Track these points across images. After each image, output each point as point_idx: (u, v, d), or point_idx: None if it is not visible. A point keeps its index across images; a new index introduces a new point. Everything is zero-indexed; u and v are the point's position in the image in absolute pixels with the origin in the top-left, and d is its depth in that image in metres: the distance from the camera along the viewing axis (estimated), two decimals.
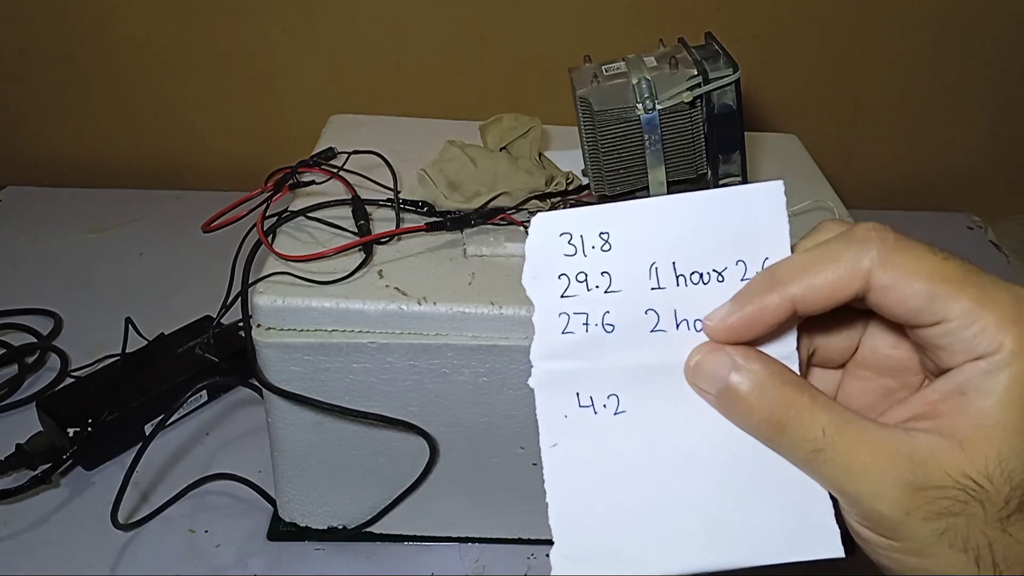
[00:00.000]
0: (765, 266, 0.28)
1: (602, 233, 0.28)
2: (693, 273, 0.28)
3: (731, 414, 0.27)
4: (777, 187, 0.28)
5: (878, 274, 0.25)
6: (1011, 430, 0.23)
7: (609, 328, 0.28)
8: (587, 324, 0.28)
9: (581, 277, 0.28)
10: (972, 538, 0.24)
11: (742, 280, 0.28)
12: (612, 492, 0.28)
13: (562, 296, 0.28)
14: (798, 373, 0.28)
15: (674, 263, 0.28)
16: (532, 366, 0.28)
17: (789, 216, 0.28)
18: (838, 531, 0.28)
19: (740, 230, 0.27)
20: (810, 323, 0.28)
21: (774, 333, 0.27)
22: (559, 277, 0.28)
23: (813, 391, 0.26)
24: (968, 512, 0.24)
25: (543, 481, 0.28)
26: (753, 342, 0.28)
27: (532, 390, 0.29)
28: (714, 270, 0.28)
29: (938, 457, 0.24)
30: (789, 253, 0.28)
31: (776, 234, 0.27)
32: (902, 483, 0.24)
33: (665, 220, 0.28)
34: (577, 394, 0.28)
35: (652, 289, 0.28)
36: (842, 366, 0.30)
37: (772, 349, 0.28)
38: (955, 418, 0.25)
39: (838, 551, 0.28)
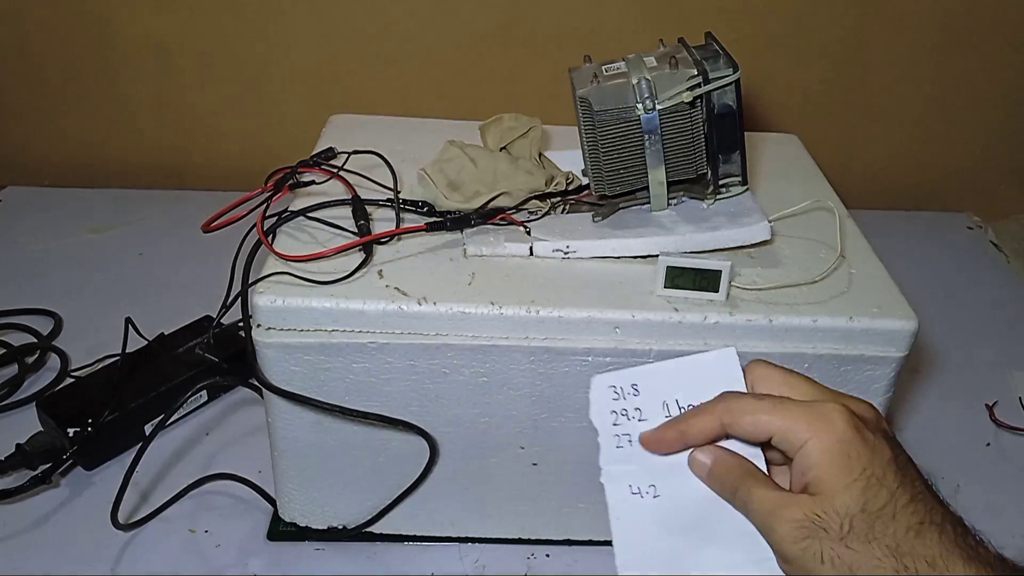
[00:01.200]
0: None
1: (634, 385, 0.44)
2: (689, 405, 0.42)
3: (713, 484, 0.42)
4: (729, 353, 0.43)
5: (724, 418, 0.40)
6: (824, 485, 0.37)
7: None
8: (631, 441, 0.43)
9: (624, 412, 0.43)
10: (827, 552, 0.36)
11: None
12: (658, 540, 0.42)
13: (614, 424, 0.43)
14: (762, 465, 0.41)
15: (677, 399, 0.43)
16: (601, 469, 0.43)
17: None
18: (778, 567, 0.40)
19: (714, 377, 0.43)
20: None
21: (747, 442, 0.41)
22: (611, 412, 0.43)
23: (763, 478, 0.40)
24: (818, 536, 0.37)
25: (613, 547, 0.42)
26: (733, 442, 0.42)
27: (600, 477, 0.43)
28: (702, 402, 0.42)
29: (801, 504, 0.38)
30: (744, 387, 0.43)
31: (734, 379, 0.43)
32: (785, 522, 0.38)
33: (670, 376, 0.43)
34: (629, 486, 0.42)
35: (665, 416, 0.43)
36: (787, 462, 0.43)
37: (744, 450, 0.41)
38: (810, 487, 0.38)
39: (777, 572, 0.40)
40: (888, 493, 0.37)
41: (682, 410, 0.43)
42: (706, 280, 0.53)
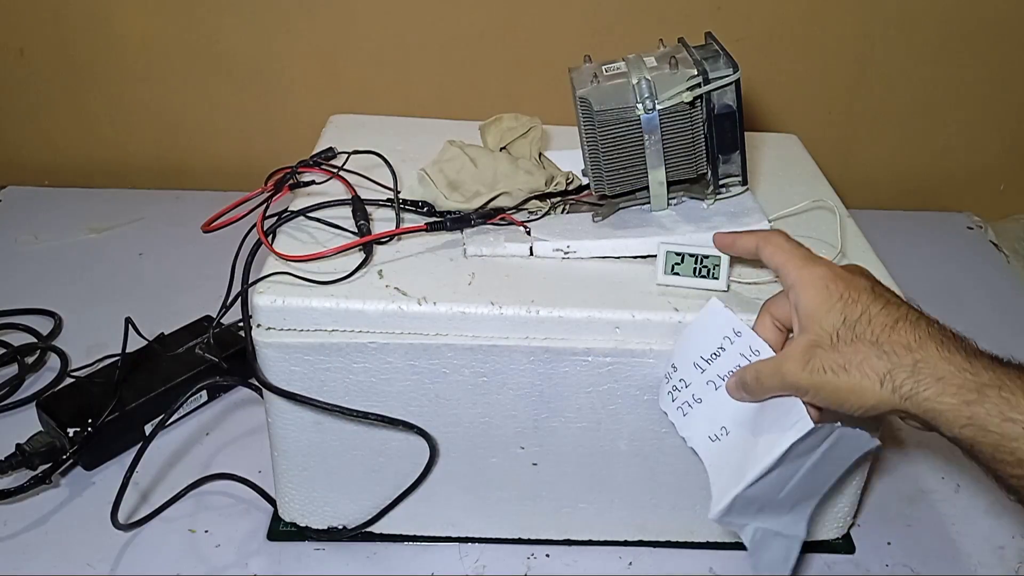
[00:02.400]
0: (735, 332, 0.51)
1: (673, 364, 0.53)
2: (711, 355, 0.51)
3: (747, 393, 0.50)
4: (715, 302, 0.52)
5: (761, 241, 0.51)
6: (812, 313, 0.46)
7: (699, 400, 0.52)
8: (691, 405, 0.52)
9: (674, 388, 0.53)
10: (825, 364, 0.45)
11: (732, 344, 0.51)
12: (731, 461, 0.50)
13: (672, 401, 0.53)
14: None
15: (701, 356, 0.52)
16: (684, 439, 0.53)
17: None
18: (809, 419, 0.47)
19: (715, 326, 0.52)
20: (774, 309, 0.51)
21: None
22: (667, 395, 0.53)
23: (770, 358, 0.50)
24: (817, 354, 0.45)
25: (704, 467, 0.51)
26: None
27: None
28: (719, 348, 0.51)
29: (800, 340, 0.47)
30: (740, 322, 0.51)
31: (729, 319, 0.51)
32: (790, 359, 0.47)
33: (686, 346, 0.52)
34: (708, 438, 0.52)
35: (701, 372, 0.52)
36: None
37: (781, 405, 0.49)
38: (798, 322, 0.47)
39: (808, 424, 0.47)
40: (862, 307, 0.45)
41: (709, 361, 0.51)
42: (706, 268, 0.54)
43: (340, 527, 0.60)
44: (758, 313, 0.51)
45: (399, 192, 0.60)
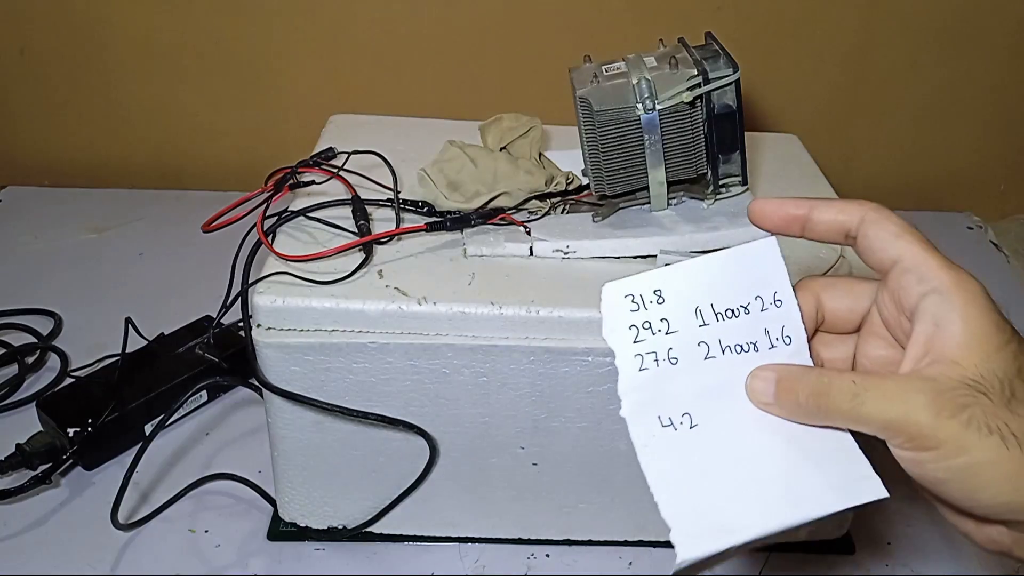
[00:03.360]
0: (776, 298, 0.37)
1: (655, 291, 0.36)
2: (727, 310, 0.37)
3: (784, 406, 0.35)
4: (772, 242, 0.37)
5: (871, 213, 0.35)
6: (976, 341, 0.32)
7: (674, 361, 0.36)
8: (657, 360, 0.36)
9: (647, 325, 0.36)
10: (991, 421, 0.31)
11: (762, 311, 0.37)
12: (705, 485, 0.35)
13: (634, 342, 0.36)
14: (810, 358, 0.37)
15: (712, 304, 0.37)
16: (621, 400, 0.36)
17: (785, 260, 0.37)
18: (877, 477, 0.34)
19: (754, 274, 0.37)
20: (826, 294, 0.38)
21: None
22: (630, 328, 0.36)
23: (835, 367, 0.37)
24: (980, 403, 0.31)
25: (649, 489, 0.35)
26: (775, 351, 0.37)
27: (624, 419, 0.36)
28: (741, 306, 0.37)
29: (945, 374, 0.32)
30: (790, 287, 0.37)
31: (778, 274, 0.37)
32: (926, 393, 0.32)
33: (699, 275, 0.37)
34: (659, 417, 0.36)
35: (700, 326, 0.36)
36: (855, 331, 0.39)
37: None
38: (942, 345, 0.33)
39: (882, 492, 0.34)
40: None
41: (719, 317, 0.36)
42: None
43: (340, 527, 0.60)
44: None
45: (399, 192, 0.60)
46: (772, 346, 0.36)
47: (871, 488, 0.34)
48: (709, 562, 0.33)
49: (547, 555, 0.61)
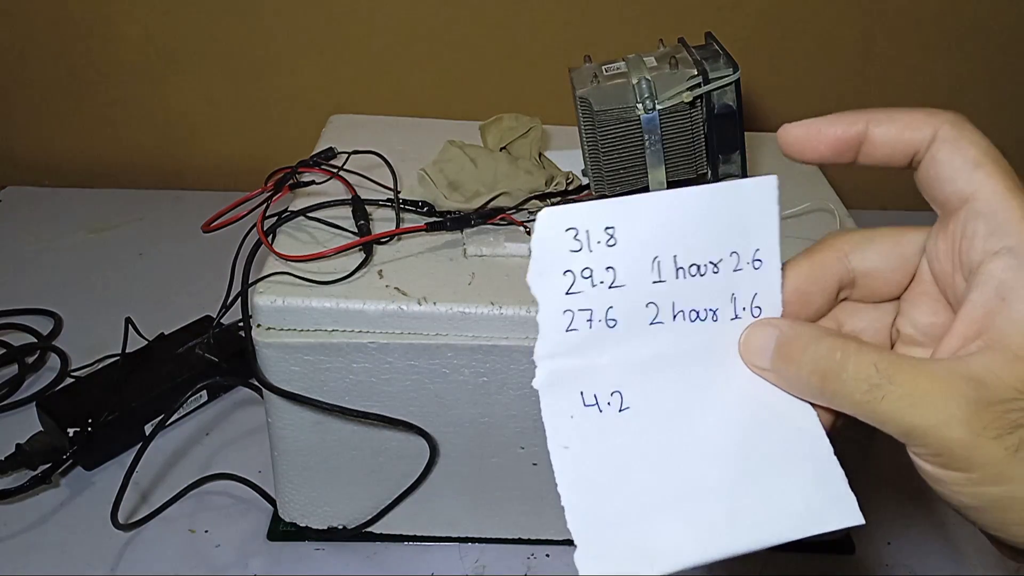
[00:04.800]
0: (756, 257, 0.29)
1: (608, 228, 0.27)
2: (692, 266, 0.28)
3: (781, 376, 0.28)
4: (770, 181, 0.29)
5: (946, 129, 0.26)
6: None
7: (612, 323, 0.28)
8: (591, 320, 0.28)
9: (587, 273, 0.28)
10: None
11: (735, 271, 0.29)
12: (628, 488, 0.28)
13: (567, 293, 0.28)
14: None
15: (675, 256, 0.28)
16: (536, 366, 0.28)
17: (780, 209, 0.29)
18: (855, 500, 0.28)
19: (735, 222, 0.28)
20: (859, 253, 0.30)
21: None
22: (564, 274, 0.28)
23: (858, 339, 0.27)
24: None
25: (556, 484, 0.29)
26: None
27: (536, 391, 0.28)
28: (710, 262, 0.28)
29: (997, 372, 0.24)
30: (777, 244, 0.29)
31: (766, 226, 0.29)
32: (966, 401, 0.24)
33: (669, 214, 0.28)
34: (581, 393, 0.28)
35: (654, 282, 0.28)
36: (893, 299, 0.31)
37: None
38: (1002, 327, 0.24)
39: (857, 518, 0.28)
40: None
41: (680, 273, 0.28)
42: None
43: (340, 527, 0.60)
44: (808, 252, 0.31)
45: (399, 192, 0.60)
46: (736, 316, 0.29)
47: (844, 512, 0.28)
48: None
49: (547, 555, 0.61)
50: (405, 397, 0.54)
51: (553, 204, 0.60)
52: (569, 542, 0.64)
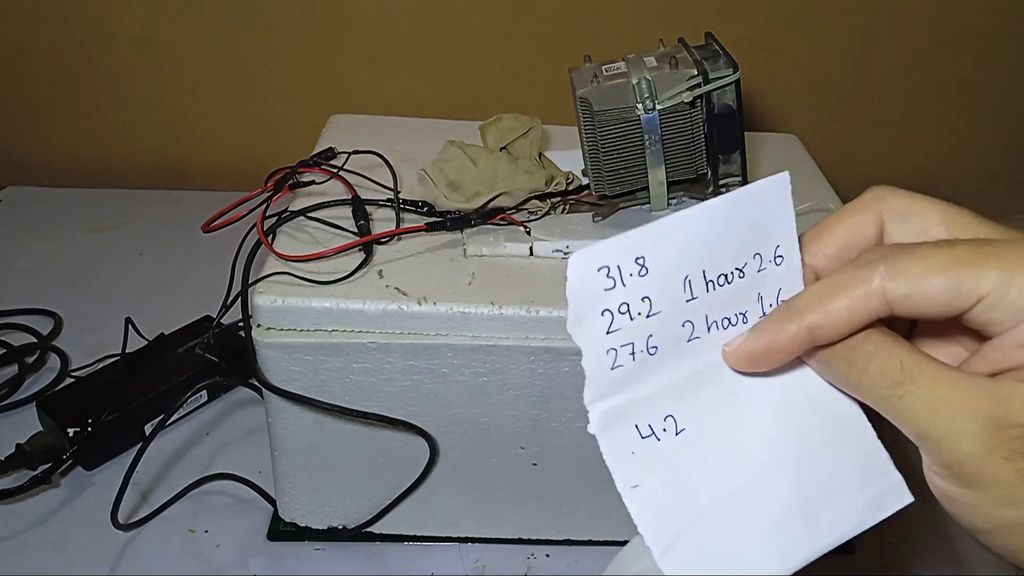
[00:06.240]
0: (777, 254, 0.29)
1: (638, 259, 0.28)
2: (720, 276, 0.29)
3: (816, 360, 0.28)
4: (783, 178, 0.29)
5: (891, 288, 0.25)
6: None
7: (653, 351, 0.28)
8: (633, 354, 0.28)
9: (623, 308, 0.28)
10: None
11: (759, 271, 0.29)
12: (702, 509, 0.28)
13: (607, 332, 0.28)
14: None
15: (704, 272, 0.28)
16: (588, 411, 0.28)
17: (795, 206, 0.30)
18: (903, 481, 0.29)
19: (755, 225, 0.28)
20: (895, 227, 0.29)
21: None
22: (603, 314, 0.28)
23: (891, 332, 0.26)
24: None
25: (632, 522, 0.28)
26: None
27: (593, 435, 0.28)
28: (736, 268, 0.28)
29: (1021, 398, 0.24)
30: (795, 238, 0.29)
31: (784, 222, 0.29)
32: (983, 416, 0.24)
33: (694, 231, 0.28)
34: (636, 427, 0.28)
35: (687, 301, 0.28)
36: (909, 334, 0.30)
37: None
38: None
39: (908, 497, 0.29)
40: None
41: (710, 287, 0.28)
42: None
43: (340, 527, 0.60)
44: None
45: (399, 192, 0.60)
46: (763, 313, 0.29)
47: (897, 495, 0.29)
48: None
49: (547, 555, 0.61)
50: (405, 397, 0.54)
51: (553, 204, 0.60)
52: (569, 542, 0.65)
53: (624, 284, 0.28)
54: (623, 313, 0.28)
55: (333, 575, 0.59)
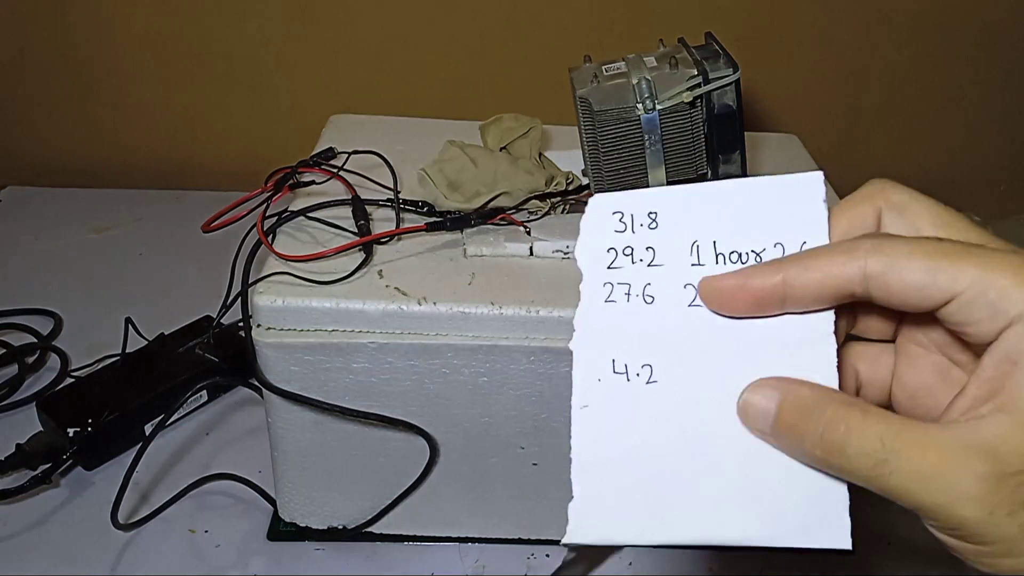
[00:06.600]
0: (803, 248, 0.29)
1: (651, 213, 0.30)
2: (732, 252, 0.29)
3: (783, 443, 0.27)
4: (817, 177, 0.29)
5: (871, 262, 0.25)
6: None
7: (649, 299, 0.30)
8: (629, 294, 0.30)
9: (628, 251, 0.30)
10: None
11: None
12: (636, 459, 0.29)
13: (608, 267, 0.30)
14: (836, 348, 0.28)
15: (715, 242, 0.29)
16: (574, 329, 0.30)
17: (829, 204, 0.29)
18: (849, 525, 0.29)
19: (780, 216, 0.29)
20: (891, 220, 0.29)
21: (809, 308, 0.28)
22: (608, 251, 0.30)
23: (863, 404, 0.26)
24: None
25: (569, 439, 0.30)
26: (787, 315, 0.28)
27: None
28: (752, 251, 0.29)
29: (1009, 441, 0.23)
30: (827, 239, 0.29)
31: (815, 221, 0.29)
32: (978, 478, 0.23)
33: (711, 204, 0.30)
34: (613, 360, 0.30)
35: (692, 265, 0.29)
36: (892, 340, 0.30)
37: (807, 324, 0.28)
38: (1014, 390, 0.24)
39: (846, 543, 0.29)
40: None
41: (720, 259, 0.29)
42: None
43: (340, 527, 0.60)
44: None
45: (399, 192, 0.60)
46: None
47: (835, 535, 0.29)
48: (603, 550, 0.30)
49: (547, 555, 0.61)
50: (405, 397, 0.54)
51: (553, 204, 0.60)
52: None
53: (633, 232, 0.30)
54: (627, 255, 0.30)
55: (333, 575, 0.59)
